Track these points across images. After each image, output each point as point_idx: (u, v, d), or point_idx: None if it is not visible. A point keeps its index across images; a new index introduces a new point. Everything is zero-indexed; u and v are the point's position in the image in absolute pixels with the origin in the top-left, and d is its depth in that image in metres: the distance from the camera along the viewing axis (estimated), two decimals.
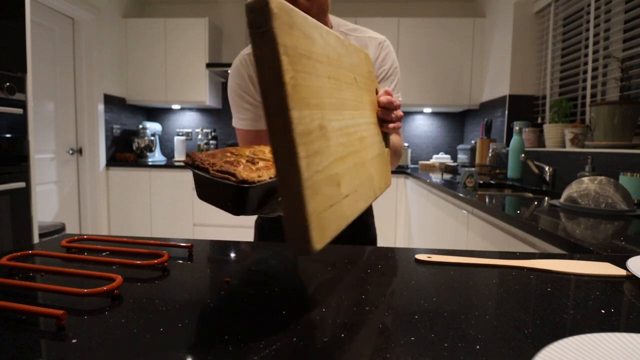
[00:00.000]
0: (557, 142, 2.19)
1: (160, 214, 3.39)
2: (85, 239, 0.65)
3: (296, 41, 0.37)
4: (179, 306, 0.41)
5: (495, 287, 0.49)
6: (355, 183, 0.49)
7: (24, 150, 1.90)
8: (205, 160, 0.50)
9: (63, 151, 3.12)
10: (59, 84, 3.04)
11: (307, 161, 0.35)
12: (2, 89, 1.77)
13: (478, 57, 3.29)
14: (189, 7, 3.81)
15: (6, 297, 0.42)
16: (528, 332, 0.36)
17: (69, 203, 3.21)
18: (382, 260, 0.58)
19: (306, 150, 0.35)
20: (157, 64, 3.52)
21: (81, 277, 0.48)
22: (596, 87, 2.08)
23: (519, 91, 2.75)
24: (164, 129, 3.95)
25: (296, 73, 0.36)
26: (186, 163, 0.50)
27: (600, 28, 2.06)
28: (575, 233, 0.95)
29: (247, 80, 1.00)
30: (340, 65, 0.51)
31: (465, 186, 1.94)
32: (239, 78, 1.00)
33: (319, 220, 0.36)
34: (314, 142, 0.37)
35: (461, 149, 3.33)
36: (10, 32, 1.82)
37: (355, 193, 0.49)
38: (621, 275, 0.53)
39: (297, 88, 0.35)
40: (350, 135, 0.50)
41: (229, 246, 0.66)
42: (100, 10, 3.20)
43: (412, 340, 0.35)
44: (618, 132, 1.68)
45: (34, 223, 1.95)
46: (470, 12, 3.57)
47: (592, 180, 1.29)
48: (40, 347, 0.33)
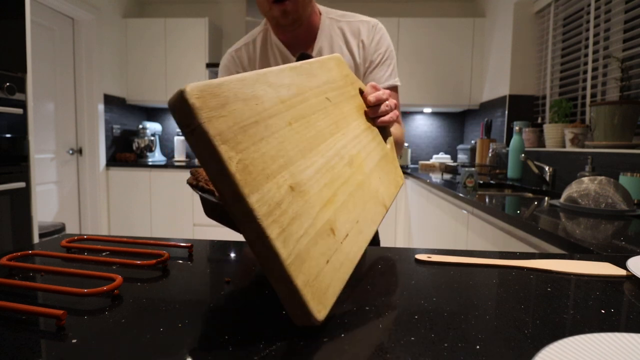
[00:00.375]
0: (557, 142, 2.19)
1: (160, 214, 3.39)
2: (85, 239, 0.65)
3: (234, 117, 0.34)
4: (179, 306, 0.41)
5: (495, 287, 0.49)
6: (355, 213, 0.46)
7: (24, 150, 1.90)
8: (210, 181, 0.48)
9: (63, 151, 3.12)
10: (59, 84, 3.04)
11: (283, 237, 0.33)
12: (2, 89, 1.77)
13: (478, 57, 3.29)
14: (189, 7, 3.81)
15: (6, 297, 0.42)
16: (528, 332, 0.36)
17: (69, 203, 3.21)
18: (382, 260, 0.58)
19: (279, 226, 0.33)
20: (157, 64, 3.52)
21: (81, 277, 0.48)
22: (596, 87, 2.08)
23: (519, 91, 2.75)
24: (164, 129, 3.95)
25: (244, 153, 0.33)
26: (190, 184, 0.47)
27: (600, 28, 2.06)
28: (575, 233, 0.95)
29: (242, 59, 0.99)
30: (303, 98, 0.47)
31: (465, 186, 1.94)
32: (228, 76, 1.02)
33: (315, 287, 0.33)
34: (287, 211, 0.35)
35: (461, 149, 3.33)
36: (10, 32, 1.82)
37: (357, 224, 0.45)
38: (621, 275, 0.53)
39: (248, 168, 0.33)
40: (334, 167, 0.46)
41: (229, 246, 0.66)
42: (100, 10, 3.20)
43: (412, 340, 0.35)
44: (618, 132, 1.68)
45: (34, 223, 1.95)
46: (470, 12, 3.57)
47: (592, 180, 1.29)
48: (40, 347, 0.33)
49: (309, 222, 0.36)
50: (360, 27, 0.98)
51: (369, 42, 0.98)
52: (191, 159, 3.79)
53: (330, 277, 0.35)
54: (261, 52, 0.98)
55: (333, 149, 0.47)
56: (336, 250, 0.38)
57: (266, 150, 0.36)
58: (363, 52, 0.98)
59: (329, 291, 0.34)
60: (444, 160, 3.38)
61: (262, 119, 0.38)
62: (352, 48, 0.97)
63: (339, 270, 0.37)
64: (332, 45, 0.96)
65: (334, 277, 0.36)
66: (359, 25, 0.98)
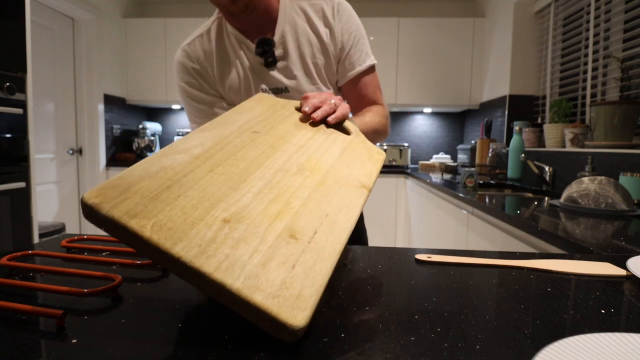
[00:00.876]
0: (557, 142, 2.19)
1: None
2: (85, 239, 0.65)
3: (141, 194, 0.37)
4: (179, 306, 0.41)
5: (495, 287, 0.48)
6: (320, 210, 0.45)
7: (24, 150, 1.90)
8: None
9: (63, 151, 3.12)
10: (59, 84, 3.04)
11: (225, 266, 0.33)
12: (2, 89, 1.77)
13: (478, 57, 3.29)
14: (189, 7, 3.81)
15: (6, 297, 0.42)
16: (528, 332, 0.36)
17: (69, 203, 3.21)
18: (382, 260, 0.58)
19: (216, 260, 0.33)
20: (157, 64, 3.52)
21: (81, 277, 0.48)
22: (596, 87, 2.08)
23: (519, 91, 2.75)
24: (164, 129, 3.95)
25: (158, 216, 0.35)
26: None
27: (600, 28, 2.06)
28: (575, 233, 0.95)
29: (195, 75, 0.91)
30: (223, 144, 0.49)
31: (465, 186, 1.94)
32: (186, 75, 0.91)
33: (282, 296, 0.33)
34: (225, 242, 0.35)
35: (461, 149, 3.33)
36: (10, 32, 1.82)
37: (327, 217, 0.44)
38: (621, 275, 0.53)
39: (166, 226, 0.34)
40: (280, 182, 0.47)
41: None
42: (100, 10, 3.20)
43: (412, 340, 0.35)
44: (618, 132, 1.68)
45: (34, 223, 1.95)
46: (470, 12, 3.57)
47: (592, 180, 1.29)
48: (40, 347, 0.33)
49: (257, 240, 0.37)
50: (324, 6, 0.91)
51: (335, 22, 0.91)
52: None
53: (301, 280, 0.35)
54: (217, 43, 0.91)
55: (273, 168, 0.49)
56: (303, 251, 0.38)
57: (186, 203, 0.38)
58: (330, 34, 0.91)
59: (304, 293, 0.34)
60: (444, 160, 3.38)
61: (175, 181, 0.40)
62: (318, 29, 0.91)
63: (312, 269, 0.37)
64: (296, 28, 0.90)
65: (308, 277, 0.36)
66: (322, 5, 0.91)
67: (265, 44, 0.87)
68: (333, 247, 0.41)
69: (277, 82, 0.90)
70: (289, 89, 0.90)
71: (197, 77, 0.91)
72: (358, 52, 0.93)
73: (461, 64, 3.31)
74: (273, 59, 0.88)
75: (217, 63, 0.91)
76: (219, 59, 0.91)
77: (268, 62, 0.88)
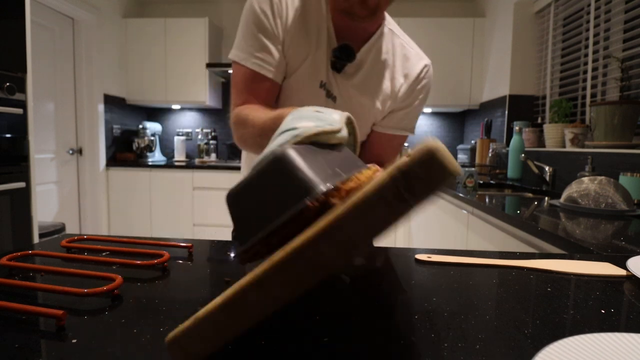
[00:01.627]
0: (557, 142, 2.19)
1: (160, 214, 3.39)
2: (85, 239, 0.65)
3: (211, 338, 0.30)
4: (179, 306, 0.41)
5: (495, 287, 0.49)
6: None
7: (24, 150, 1.90)
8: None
9: (63, 151, 3.12)
10: (59, 84, 3.04)
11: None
12: (2, 89, 1.77)
13: (478, 57, 3.29)
14: (189, 7, 3.81)
15: (6, 297, 0.42)
16: (528, 332, 0.36)
17: (69, 203, 3.21)
18: (382, 260, 0.58)
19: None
20: (157, 64, 3.52)
21: (81, 277, 0.48)
22: (596, 87, 2.08)
23: (519, 91, 2.75)
24: (164, 129, 3.95)
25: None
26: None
27: (600, 28, 2.06)
28: (575, 233, 0.95)
29: (274, 8, 0.78)
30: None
31: (465, 186, 1.94)
32: (265, 3, 0.78)
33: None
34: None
35: (461, 149, 3.33)
36: (10, 32, 1.82)
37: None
38: (621, 275, 0.53)
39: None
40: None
41: (229, 246, 0.66)
42: (100, 10, 3.20)
43: (412, 340, 0.35)
44: (618, 132, 1.68)
45: (34, 223, 1.95)
46: (470, 12, 3.57)
47: (592, 180, 1.29)
48: (40, 347, 0.33)
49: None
50: (414, 61, 0.88)
51: (414, 82, 0.87)
52: (191, 159, 3.79)
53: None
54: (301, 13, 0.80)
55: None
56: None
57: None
58: (404, 87, 0.87)
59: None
60: None
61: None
62: (396, 74, 0.86)
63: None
64: (378, 58, 0.84)
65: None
66: (414, 58, 0.88)
67: (347, 53, 0.80)
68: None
69: (333, 86, 0.83)
70: (336, 101, 0.84)
71: (275, 11, 0.79)
72: (409, 118, 0.92)
73: (461, 64, 3.31)
74: (342, 68, 0.82)
75: (300, 19, 0.80)
76: (304, 17, 0.80)
77: (336, 66, 0.81)
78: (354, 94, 0.84)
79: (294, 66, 0.82)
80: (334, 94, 0.84)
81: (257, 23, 0.78)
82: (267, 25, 0.78)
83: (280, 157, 0.36)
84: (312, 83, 0.82)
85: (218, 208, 3.35)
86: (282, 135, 0.45)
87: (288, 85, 0.83)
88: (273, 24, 0.78)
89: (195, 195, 3.34)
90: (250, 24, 0.79)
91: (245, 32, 0.80)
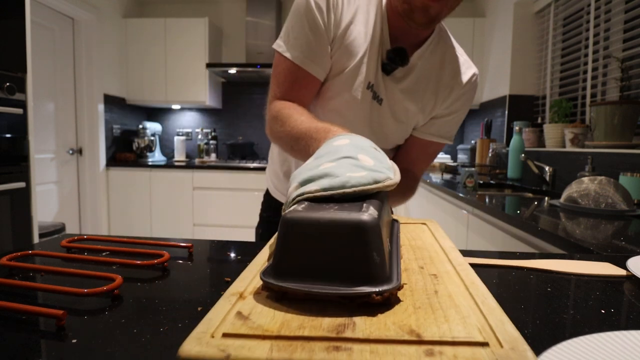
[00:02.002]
0: (557, 142, 2.19)
1: (160, 214, 3.39)
2: (85, 239, 0.65)
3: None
4: (179, 306, 0.41)
5: (495, 287, 0.48)
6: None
7: (24, 150, 1.90)
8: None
9: (63, 151, 3.12)
10: (59, 84, 3.04)
11: None
12: (2, 89, 1.77)
13: (478, 57, 3.29)
14: (189, 7, 3.81)
15: (6, 297, 0.42)
16: (528, 332, 0.36)
17: (69, 203, 3.21)
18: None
19: None
20: (157, 64, 3.52)
21: (81, 277, 0.48)
22: (596, 87, 2.08)
23: (519, 91, 2.75)
24: (164, 129, 3.95)
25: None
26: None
27: (600, 28, 2.06)
28: (575, 233, 0.95)
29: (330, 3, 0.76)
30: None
31: (465, 186, 1.94)
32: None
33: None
34: None
35: (461, 149, 3.33)
36: (10, 32, 1.82)
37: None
38: (621, 275, 0.53)
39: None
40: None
41: (229, 246, 0.66)
42: (100, 10, 3.20)
43: None
44: (618, 132, 1.68)
45: (34, 223, 1.95)
46: (470, 12, 3.57)
47: (592, 180, 1.29)
48: (40, 347, 0.33)
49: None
50: (463, 69, 0.86)
51: (460, 91, 0.86)
52: (191, 159, 3.79)
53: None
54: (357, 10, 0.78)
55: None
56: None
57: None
58: (450, 95, 0.86)
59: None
60: (444, 160, 3.38)
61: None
62: (444, 82, 0.84)
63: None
64: (429, 64, 0.83)
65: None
66: (463, 66, 0.86)
67: (401, 56, 0.78)
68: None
69: (381, 88, 0.81)
70: (382, 103, 0.83)
71: (330, 7, 0.76)
72: (451, 126, 0.90)
73: None
74: (392, 70, 0.80)
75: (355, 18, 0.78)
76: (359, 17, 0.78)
77: (386, 68, 0.80)
78: (400, 98, 0.83)
79: (343, 65, 0.79)
80: (380, 96, 0.82)
81: (309, 18, 0.75)
82: (320, 22, 0.75)
83: (362, 227, 0.34)
84: (360, 83, 0.80)
85: (218, 208, 3.35)
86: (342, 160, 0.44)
87: (335, 83, 0.81)
88: (326, 20, 0.76)
89: (195, 195, 3.34)
90: (303, 17, 0.76)
91: (294, 24, 0.77)
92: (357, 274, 0.34)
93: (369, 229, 0.34)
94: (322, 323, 0.31)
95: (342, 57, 0.79)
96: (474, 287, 0.37)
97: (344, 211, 0.36)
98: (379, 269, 0.34)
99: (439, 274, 0.42)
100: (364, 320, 0.31)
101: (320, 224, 0.35)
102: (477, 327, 0.30)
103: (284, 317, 0.31)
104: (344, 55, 0.79)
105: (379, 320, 0.31)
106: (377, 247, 0.34)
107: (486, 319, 0.31)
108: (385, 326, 0.30)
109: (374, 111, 0.83)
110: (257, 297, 0.35)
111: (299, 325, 0.30)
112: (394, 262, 0.39)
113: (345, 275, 0.34)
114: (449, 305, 0.34)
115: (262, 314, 0.32)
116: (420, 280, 0.40)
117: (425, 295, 0.36)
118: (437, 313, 0.32)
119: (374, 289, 0.33)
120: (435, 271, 0.42)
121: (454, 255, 0.48)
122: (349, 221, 0.34)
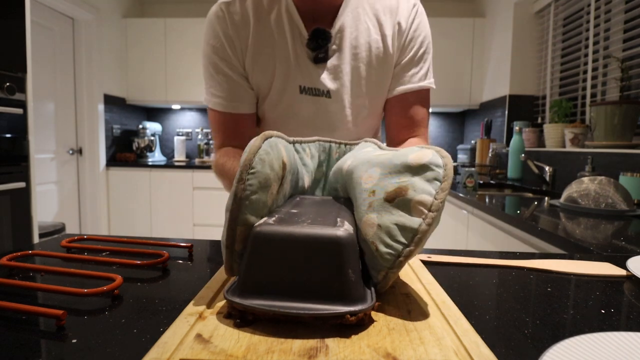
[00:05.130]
0: (557, 142, 2.19)
1: (160, 214, 3.39)
2: (85, 239, 0.65)
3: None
4: (179, 306, 0.41)
5: (495, 287, 0.48)
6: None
7: (24, 150, 1.90)
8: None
9: (63, 151, 3.12)
10: (59, 84, 3.04)
11: None
12: (2, 89, 1.77)
13: (478, 57, 3.29)
14: (189, 7, 3.81)
15: (6, 297, 0.42)
16: (528, 332, 0.36)
17: (69, 203, 3.21)
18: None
19: None
20: (157, 64, 3.52)
21: (81, 277, 0.48)
22: (596, 87, 2.08)
23: (519, 91, 2.75)
24: (164, 129, 3.95)
25: None
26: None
27: (600, 28, 2.06)
28: (575, 233, 0.95)
29: (223, 41, 0.75)
30: None
31: (465, 186, 1.94)
32: (214, 38, 0.75)
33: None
34: None
35: (461, 149, 3.33)
36: (10, 32, 1.82)
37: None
38: (621, 275, 0.53)
39: None
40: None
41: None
42: (100, 10, 3.20)
43: None
44: (618, 132, 1.68)
45: (34, 223, 1.95)
46: (470, 12, 3.57)
47: (592, 180, 1.29)
48: (40, 347, 0.33)
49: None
50: (400, 4, 0.77)
51: (407, 26, 0.77)
52: (191, 159, 3.79)
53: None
54: (263, 12, 0.75)
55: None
56: None
57: None
58: (398, 37, 0.77)
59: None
60: None
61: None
62: (385, 30, 0.76)
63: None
64: (358, 24, 0.76)
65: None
66: (396, 2, 0.78)
67: (321, 37, 0.73)
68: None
69: (320, 83, 0.76)
70: (331, 94, 0.77)
71: (224, 43, 0.75)
72: (418, 67, 0.79)
73: (461, 64, 3.31)
74: (325, 55, 0.75)
75: (255, 36, 0.75)
76: (259, 32, 0.75)
77: (319, 57, 0.75)
78: (346, 77, 0.77)
79: (267, 83, 0.77)
80: (324, 90, 0.77)
81: (212, 63, 0.77)
82: (221, 64, 0.76)
83: (337, 243, 0.32)
84: (292, 91, 0.77)
85: (218, 208, 3.35)
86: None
87: (270, 102, 0.79)
88: (229, 54, 0.76)
89: (195, 195, 3.34)
90: (208, 66, 0.77)
91: (205, 75, 0.79)
92: (330, 291, 0.32)
93: (345, 245, 0.32)
94: (293, 346, 0.29)
95: (262, 76, 0.77)
96: (444, 306, 0.37)
97: (318, 225, 0.34)
98: (354, 287, 0.33)
99: (410, 293, 0.41)
100: (337, 343, 0.30)
101: (294, 238, 0.33)
102: (453, 349, 0.29)
103: (250, 340, 0.29)
104: (263, 72, 0.77)
105: (353, 342, 0.30)
106: (353, 264, 0.33)
107: (460, 341, 0.30)
108: (360, 349, 0.29)
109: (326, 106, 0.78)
110: (219, 317, 0.33)
111: (267, 349, 0.28)
112: (366, 278, 0.37)
113: (318, 293, 0.32)
114: (423, 327, 0.33)
115: (225, 336, 0.30)
116: (392, 299, 0.39)
117: (398, 315, 0.35)
118: (412, 334, 0.31)
119: (349, 309, 0.31)
120: (406, 290, 0.42)
121: (422, 273, 0.48)
122: (324, 236, 0.33)
